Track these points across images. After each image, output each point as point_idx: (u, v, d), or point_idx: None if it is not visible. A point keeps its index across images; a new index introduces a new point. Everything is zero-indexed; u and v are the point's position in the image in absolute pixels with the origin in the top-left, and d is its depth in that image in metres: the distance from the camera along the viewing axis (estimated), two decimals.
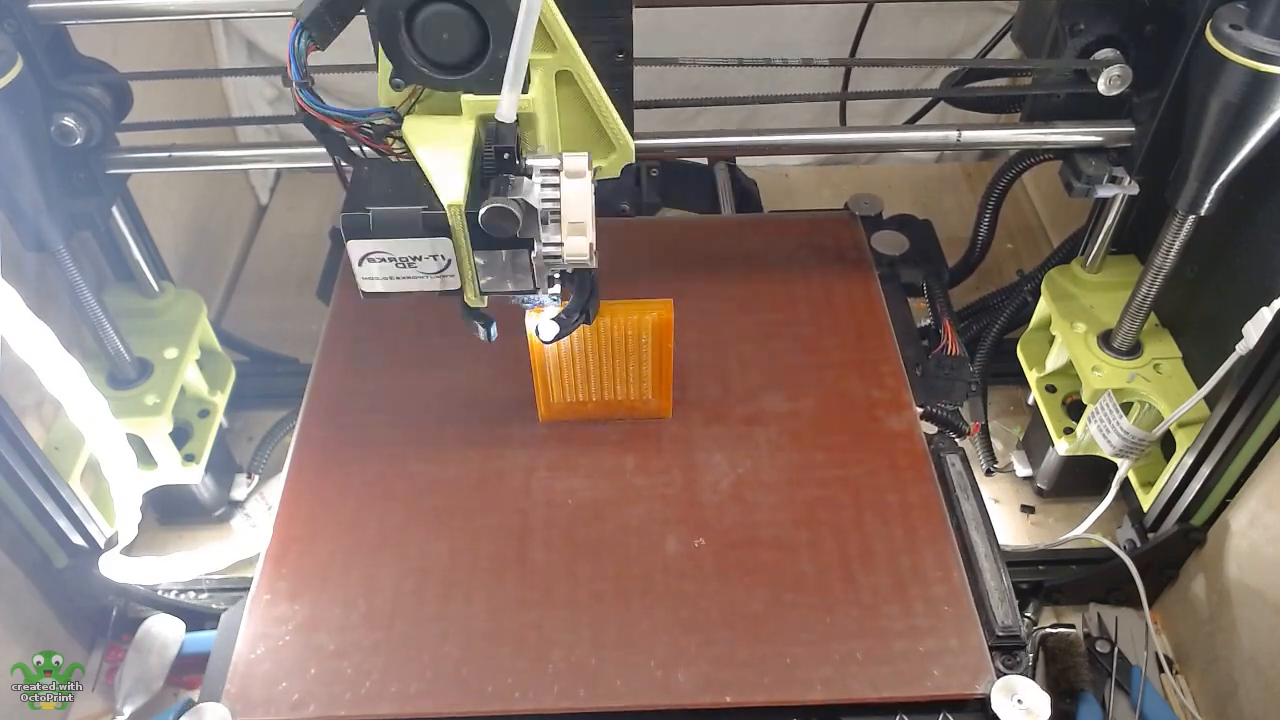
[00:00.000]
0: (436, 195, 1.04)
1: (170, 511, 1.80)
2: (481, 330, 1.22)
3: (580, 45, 1.12)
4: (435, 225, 1.05)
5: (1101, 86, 1.37)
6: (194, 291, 1.77)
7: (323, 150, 1.13)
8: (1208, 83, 1.26)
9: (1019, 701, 1.19)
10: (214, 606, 1.57)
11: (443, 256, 1.08)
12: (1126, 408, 1.57)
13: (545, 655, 1.25)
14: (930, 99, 1.84)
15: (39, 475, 1.42)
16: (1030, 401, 1.82)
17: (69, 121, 1.35)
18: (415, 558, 1.36)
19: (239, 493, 1.86)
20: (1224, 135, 1.28)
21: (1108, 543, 1.64)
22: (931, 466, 1.45)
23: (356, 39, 1.10)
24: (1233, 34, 1.21)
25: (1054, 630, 1.56)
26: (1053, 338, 1.72)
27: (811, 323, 1.64)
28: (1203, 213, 1.37)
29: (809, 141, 1.48)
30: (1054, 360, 1.74)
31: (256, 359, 2.01)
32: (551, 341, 1.23)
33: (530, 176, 1.06)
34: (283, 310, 2.19)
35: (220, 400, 1.77)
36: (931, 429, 1.55)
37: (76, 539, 1.53)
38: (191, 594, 1.61)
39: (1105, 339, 1.64)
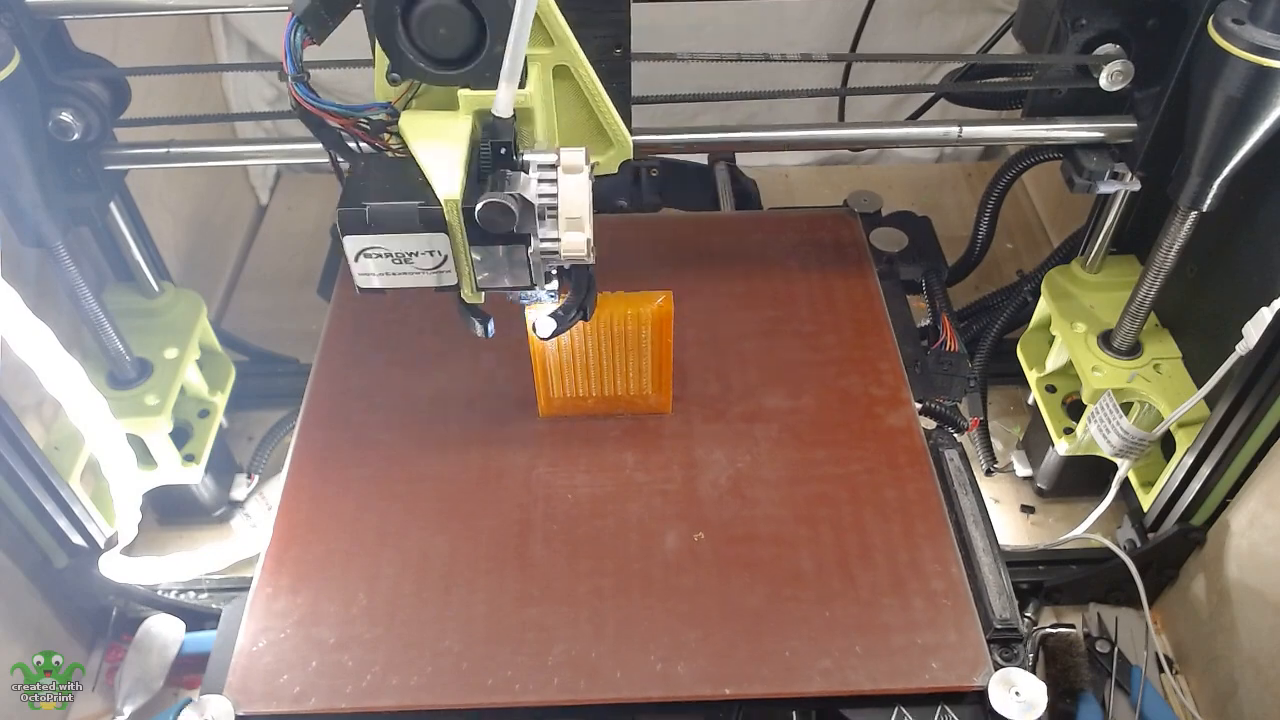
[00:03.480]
0: (433, 190, 1.04)
1: (170, 511, 1.81)
2: (479, 326, 1.22)
3: (578, 40, 1.13)
4: (432, 220, 1.05)
5: (1103, 82, 1.37)
6: (194, 291, 1.78)
7: (321, 147, 1.13)
8: (1210, 77, 1.26)
9: (1016, 694, 1.19)
10: (214, 606, 1.58)
11: (439, 252, 1.08)
12: (1126, 408, 1.57)
13: (545, 649, 1.25)
14: (931, 95, 1.84)
15: (39, 475, 1.43)
16: (1030, 401, 1.82)
17: (66, 117, 1.35)
18: (416, 552, 1.36)
19: (239, 493, 1.87)
20: (1226, 130, 1.28)
21: (1108, 543, 1.64)
22: (930, 462, 1.44)
23: (360, 37, 1.11)
24: (1235, 28, 1.21)
25: (1054, 630, 1.56)
26: (1053, 338, 1.73)
27: (811, 319, 1.64)
28: (1205, 208, 1.37)
29: (809, 138, 1.48)
30: (1054, 360, 1.75)
31: (256, 359, 2.02)
32: (549, 337, 1.22)
33: (527, 172, 1.07)
34: (283, 310, 2.20)
35: (220, 400, 1.77)
36: (930, 425, 1.55)
37: (76, 539, 1.53)
38: (191, 594, 1.62)
39: (1105, 339, 1.64)
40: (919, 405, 1.54)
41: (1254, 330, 1.32)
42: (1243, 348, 1.35)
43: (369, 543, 1.37)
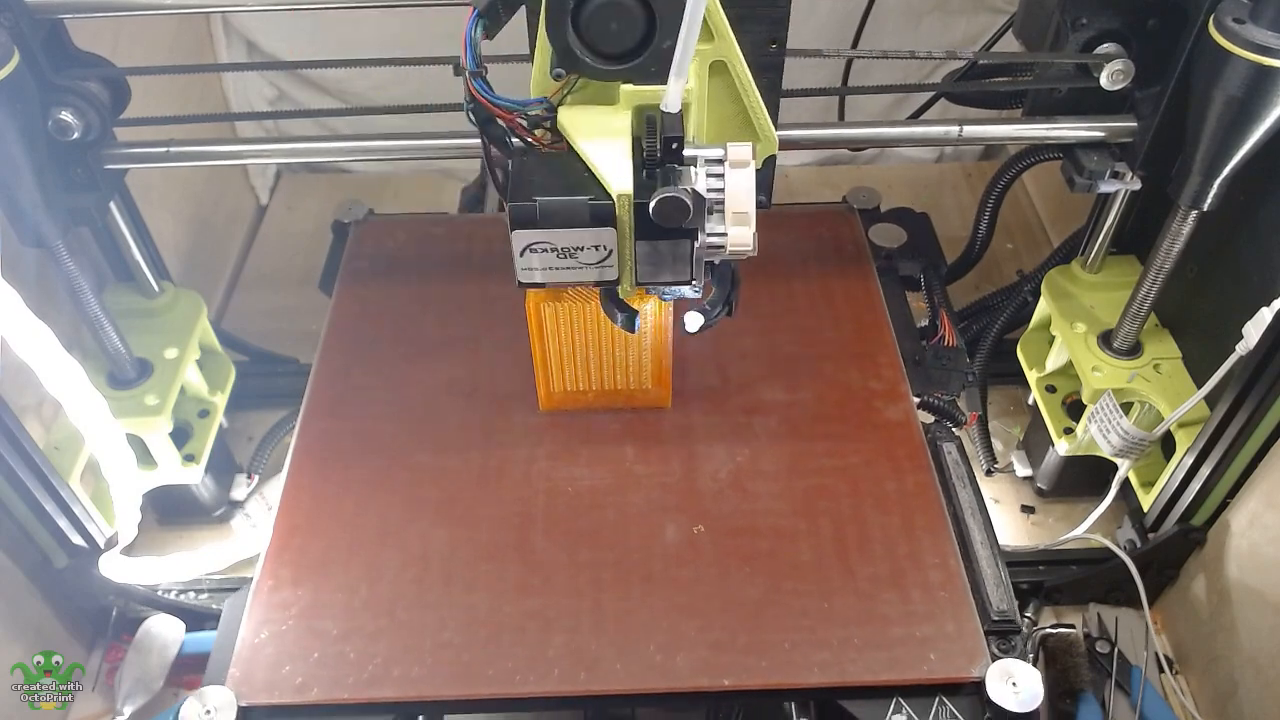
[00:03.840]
0: (603, 185, 1.05)
1: (170, 511, 1.81)
2: (624, 319, 1.23)
3: (736, 35, 1.13)
4: (602, 215, 1.06)
5: (1104, 81, 1.37)
6: (194, 291, 1.78)
7: (320, 146, 1.14)
8: (1211, 77, 1.26)
9: (1014, 685, 1.19)
10: (214, 606, 1.57)
11: (605, 247, 1.08)
12: (1126, 408, 1.57)
13: (545, 640, 1.26)
14: (931, 94, 1.84)
15: (39, 475, 1.43)
16: (1030, 401, 1.82)
17: (66, 116, 1.36)
18: (417, 545, 1.36)
19: (239, 493, 1.86)
20: (1227, 129, 1.28)
21: (1108, 543, 1.64)
22: (928, 456, 1.45)
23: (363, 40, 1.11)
24: (1236, 27, 1.21)
25: (1054, 630, 1.56)
26: (1053, 338, 1.73)
27: (810, 314, 1.65)
28: (1205, 208, 1.36)
29: (809, 136, 1.47)
30: (1054, 360, 1.75)
31: (256, 359, 2.01)
32: (697, 332, 1.23)
33: (695, 166, 1.07)
34: (283, 309, 2.20)
35: (220, 400, 1.77)
36: (929, 419, 1.55)
37: (76, 539, 1.53)
38: (191, 594, 1.61)
39: (1105, 339, 1.64)
40: (917, 400, 1.54)
41: (1254, 330, 1.32)
42: (1243, 348, 1.35)
43: (370, 535, 1.38)
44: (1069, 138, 1.46)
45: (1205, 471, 1.49)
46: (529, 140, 1.12)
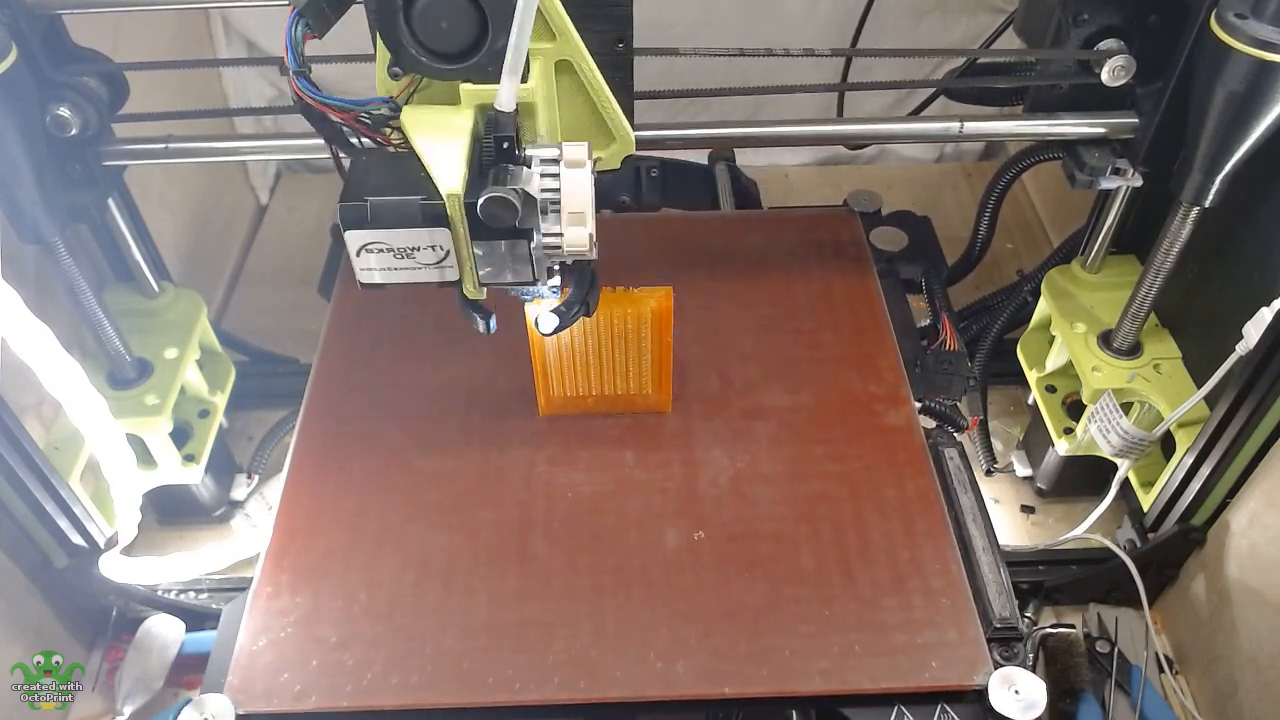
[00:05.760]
0: (435, 185, 1.03)
1: (170, 511, 1.81)
2: (480, 322, 1.21)
3: (580, 34, 1.12)
4: (434, 215, 1.04)
5: (1105, 77, 1.37)
6: (194, 291, 1.78)
7: (319, 143, 1.13)
8: (1212, 73, 1.25)
9: (1016, 692, 1.19)
10: (214, 606, 1.57)
11: (441, 247, 1.07)
12: (1126, 408, 1.57)
13: (545, 647, 1.25)
14: (932, 90, 1.84)
15: (39, 475, 1.42)
16: (1030, 401, 1.82)
17: (64, 112, 1.35)
18: (416, 551, 1.36)
19: (239, 493, 1.86)
20: (1229, 125, 1.27)
21: (1108, 543, 1.64)
22: (930, 461, 1.45)
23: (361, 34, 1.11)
24: (1238, 23, 1.21)
25: (1054, 630, 1.56)
26: (1053, 338, 1.73)
27: (810, 318, 1.64)
28: (1207, 204, 1.36)
29: (809, 133, 1.47)
30: (1054, 360, 1.74)
31: (256, 359, 2.02)
32: (551, 334, 1.22)
33: (530, 166, 1.06)
34: (283, 309, 2.19)
35: (220, 400, 1.77)
36: (930, 424, 1.55)
37: (76, 539, 1.53)
38: (191, 594, 1.62)
39: (1105, 339, 1.64)
40: (919, 404, 1.54)
41: (1254, 330, 1.32)
42: (1243, 348, 1.34)
43: (369, 541, 1.37)
44: (1070, 134, 1.46)
45: (1205, 471, 1.49)
46: (377, 140, 1.11)
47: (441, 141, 1.06)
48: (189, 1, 1.36)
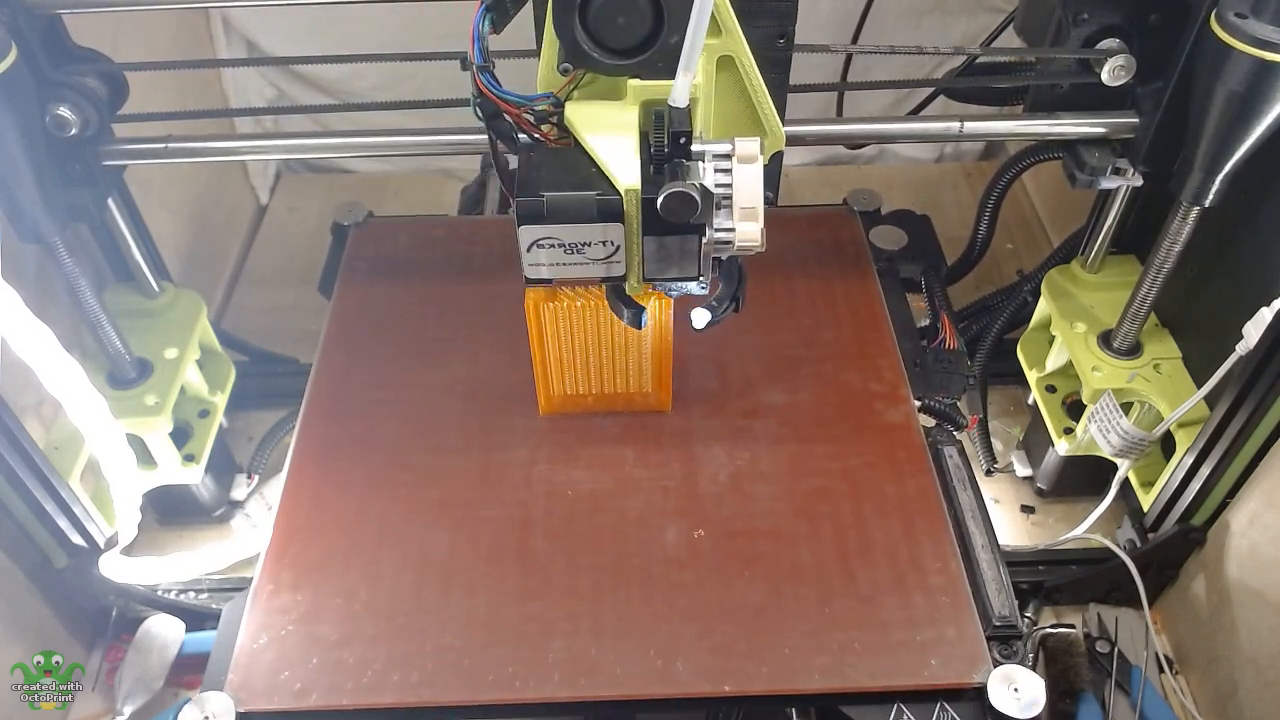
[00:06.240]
0: (610, 180, 1.05)
1: (170, 511, 1.81)
2: (630, 316, 1.22)
3: (743, 30, 1.13)
4: (610, 211, 1.05)
5: (1105, 77, 1.37)
6: (194, 291, 1.78)
7: (319, 143, 1.13)
8: (1213, 72, 1.25)
9: (1015, 690, 1.19)
10: (214, 606, 1.57)
11: (612, 242, 1.08)
12: (1126, 408, 1.57)
13: (545, 645, 1.26)
14: (932, 89, 1.84)
15: (39, 475, 1.42)
16: (1030, 401, 1.81)
17: (64, 112, 1.36)
18: (416, 549, 1.36)
19: (239, 493, 1.86)
20: (1229, 125, 1.27)
21: (1108, 543, 1.64)
22: (929, 459, 1.45)
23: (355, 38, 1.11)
24: (1238, 22, 1.20)
25: (1054, 630, 1.56)
26: (1053, 338, 1.72)
27: (810, 316, 1.65)
28: (1207, 204, 1.36)
29: (808, 132, 1.47)
30: (1054, 360, 1.74)
31: (256, 359, 2.02)
32: (704, 329, 1.22)
33: (702, 161, 1.06)
34: (283, 309, 2.20)
35: (220, 400, 1.77)
36: (929, 422, 1.55)
37: (76, 539, 1.53)
38: (191, 594, 1.61)
39: (1105, 339, 1.64)
40: (918, 402, 1.54)
41: (1254, 330, 1.32)
42: (1243, 348, 1.34)
43: (370, 540, 1.38)
44: (1070, 134, 1.46)
45: (1205, 471, 1.49)
46: (535, 135, 1.12)
47: (613, 137, 1.08)
48: (189, 1, 1.35)
